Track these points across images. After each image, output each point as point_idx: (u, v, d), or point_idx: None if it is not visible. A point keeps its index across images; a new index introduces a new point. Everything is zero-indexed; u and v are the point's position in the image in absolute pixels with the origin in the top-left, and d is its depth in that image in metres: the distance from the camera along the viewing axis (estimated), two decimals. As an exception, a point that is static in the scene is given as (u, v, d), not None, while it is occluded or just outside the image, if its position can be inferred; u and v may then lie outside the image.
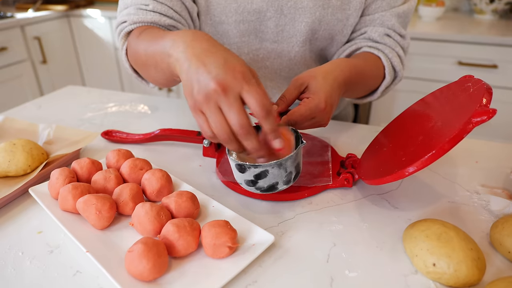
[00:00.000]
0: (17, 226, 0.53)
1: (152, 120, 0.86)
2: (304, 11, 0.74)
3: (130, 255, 0.42)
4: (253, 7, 0.74)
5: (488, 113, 0.43)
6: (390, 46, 0.76)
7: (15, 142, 0.63)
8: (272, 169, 0.48)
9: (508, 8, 1.91)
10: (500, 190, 0.59)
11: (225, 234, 0.44)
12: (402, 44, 0.78)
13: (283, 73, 0.85)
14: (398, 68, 0.76)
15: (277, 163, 0.48)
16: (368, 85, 0.74)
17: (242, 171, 0.50)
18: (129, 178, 0.59)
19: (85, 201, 0.50)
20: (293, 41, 0.78)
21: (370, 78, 0.72)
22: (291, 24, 0.76)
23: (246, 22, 0.76)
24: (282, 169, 0.49)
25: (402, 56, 0.78)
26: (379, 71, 0.74)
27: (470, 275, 0.41)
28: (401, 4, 0.76)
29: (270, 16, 0.75)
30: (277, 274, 0.45)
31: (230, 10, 0.75)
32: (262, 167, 0.48)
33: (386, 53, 0.75)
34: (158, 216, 0.48)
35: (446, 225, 0.46)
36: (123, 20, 0.68)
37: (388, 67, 0.74)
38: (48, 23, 2.27)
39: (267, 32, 0.78)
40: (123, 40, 0.69)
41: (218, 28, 0.79)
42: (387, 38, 0.76)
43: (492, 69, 1.64)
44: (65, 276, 0.45)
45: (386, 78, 0.75)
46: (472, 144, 0.73)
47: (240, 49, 0.82)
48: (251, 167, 0.48)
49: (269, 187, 0.51)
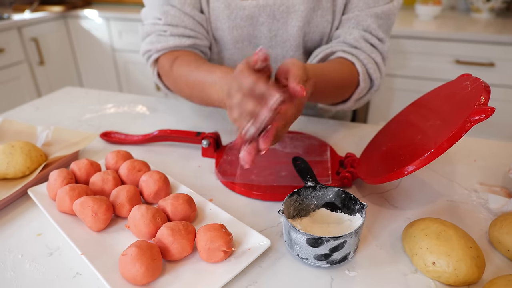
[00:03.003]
0: (16, 229, 0.53)
1: (151, 121, 0.86)
2: (296, 15, 0.73)
3: (123, 259, 0.42)
4: (246, 13, 0.74)
5: (486, 111, 0.43)
6: (366, 51, 0.72)
7: (13, 144, 0.63)
8: (350, 239, 0.44)
9: (505, 7, 1.91)
10: (498, 188, 0.60)
11: (220, 238, 0.44)
12: (380, 49, 0.73)
13: None
14: (374, 76, 0.72)
15: (355, 232, 0.44)
16: (338, 93, 0.69)
17: (316, 245, 0.44)
18: (127, 179, 0.58)
19: (82, 203, 0.50)
20: (287, 45, 0.78)
21: (340, 87, 0.68)
22: (283, 29, 0.76)
23: (239, 28, 0.76)
24: (357, 237, 0.45)
25: (379, 63, 0.73)
26: (351, 78, 0.70)
27: (469, 273, 0.42)
28: (381, 5, 0.71)
29: (263, 21, 0.75)
30: (277, 274, 0.45)
31: (223, 16, 0.75)
32: (342, 238, 0.43)
33: (361, 59, 0.71)
34: (154, 219, 0.48)
35: (445, 223, 0.46)
36: (148, 49, 0.76)
37: (362, 74, 0.70)
38: (45, 24, 2.26)
39: (260, 38, 0.78)
40: (153, 67, 0.79)
41: (215, 34, 0.80)
42: (363, 42, 0.72)
43: (489, 68, 1.65)
44: (65, 279, 0.45)
45: (360, 85, 0.71)
46: (470, 143, 0.73)
47: (234, 55, 0.82)
48: (330, 240, 0.43)
49: (341, 258, 0.45)
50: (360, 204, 0.48)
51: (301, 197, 0.52)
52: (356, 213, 0.49)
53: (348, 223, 0.49)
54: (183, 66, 0.69)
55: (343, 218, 0.50)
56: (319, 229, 0.49)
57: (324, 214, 0.52)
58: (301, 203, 0.52)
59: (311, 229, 0.49)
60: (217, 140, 0.70)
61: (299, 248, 0.45)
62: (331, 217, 0.51)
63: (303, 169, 0.57)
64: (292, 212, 0.51)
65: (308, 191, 0.52)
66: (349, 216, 0.50)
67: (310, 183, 0.53)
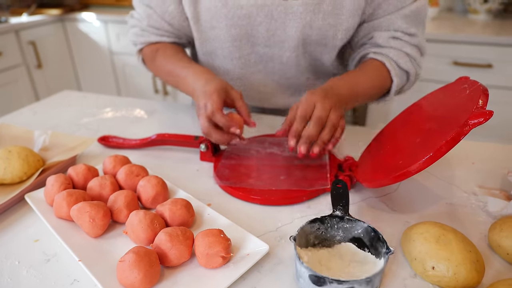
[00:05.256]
0: (13, 235, 0.52)
1: (149, 125, 0.86)
2: (295, 16, 0.73)
3: (121, 265, 0.42)
4: (243, 12, 0.74)
5: (485, 115, 0.43)
6: (396, 47, 0.75)
7: (10, 149, 0.63)
8: (359, 286, 0.39)
9: (502, 8, 1.92)
10: (497, 191, 0.60)
11: (219, 244, 0.44)
12: (412, 42, 0.76)
13: (276, 77, 0.85)
14: (407, 67, 0.76)
15: (366, 280, 0.39)
16: (372, 94, 0.74)
17: (318, 284, 0.40)
18: (125, 184, 0.58)
19: (79, 208, 0.49)
20: (284, 46, 0.78)
21: (372, 87, 0.73)
22: (282, 29, 0.76)
23: (237, 27, 0.76)
24: (369, 285, 0.40)
25: (412, 54, 0.76)
26: (382, 78, 0.74)
27: (469, 277, 0.41)
28: (408, 4, 0.74)
29: (261, 21, 0.75)
30: (276, 280, 0.45)
31: (220, 15, 0.75)
32: (348, 284, 0.39)
33: (390, 56, 0.75)
34: (152, 224, 0.48)
35: (444, 227, 0.46)
36: (133, 40, 0.87)
37: (394, 70, 0.74)
38: (43, 27, 2.26)
39: (258, 37, 0.78)
40: (138, 54, 0.89)
41: (210, 34, 0.80)
42: (393, 41, 0.75)
43: (487, 69, 1.65)
44: (62, 285, 0.44)
45: (394, 81, 0.75)
46: (469, 146, 0.73)
47: (232, 54, 0.82)
48: (334, 282, 0.39)
49: None
50: (386, 248, 0.42)
51: (325, 226, 0.48)
52: (382, 258, 0.43)
53: (372, 266, 0.44)
54: (163, 58, 0.81)
55: (368, 259, 0.45)
56: (338, 264, 0.45)
57: (350, 249, 0.47)
58: (325, 232, 0.48)
59: (328, 262, 0.45)
60: (215, 144, 0.69)
61: (303, 281, 0.42)
62: (357, 255, 0.46)
63: (340, 194, 0.52)
64: (312, 240, 0.47)
65: (334, 221, 0.48)
66: (375, 258, 0.45)
67: (339, 212, 0.49)
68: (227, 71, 0.86)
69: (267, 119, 0.87)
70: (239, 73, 0.85)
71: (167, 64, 0.79)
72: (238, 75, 0.86)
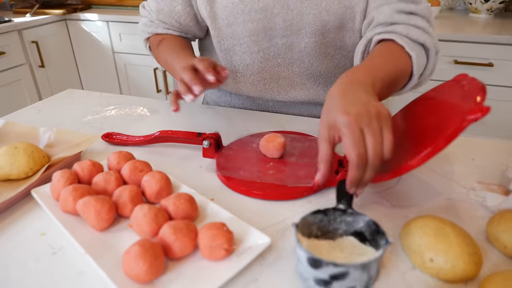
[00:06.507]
0: (20, 229, 0.54)
1: (152, 122, 0.87)
2: (310, 3, 0.74)
3: (127, 257, 0.43)
4: (260, 5, 0.75)
5: (482, 110, 0.44)
6: (404, 21, 0.67)
7: (16, 145, 0.64)
8: (354, 271, 0.40)
9: (503, 7, 1.92)
10: (496, 186, 0.60)
11: (222, 236, 0.45)
12: (417, 12, 0.68)
13: (295, 67, 0.85)
14: (422, 40, 0.66)
15: (362, 265, 0.40)
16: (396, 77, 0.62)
17: (315, 266, 0.41)
18: (129, 180, 0.59)
19: (85, 202, 0.51)
20: (302, 33, 0.78)
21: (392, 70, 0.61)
22: (299, 18, 0.76)
23: (254, 21, 0.77)
24: (365, 272, 0.41)
25: (422, 25, 0.67)
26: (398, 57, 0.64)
27: (467, 270, 0.42)
28: None
29: (277, 12, 0.76)
30: (278, 273, 0.46)
31: (237, 11, 0.77)
32: (344, 268, 0.40)
33: (398, 31, 0.65)
34: (156, 218, 0.49)
35: (443, 221, 0.47)
36: (142, 29, 0.92)
37: (407, 44, 0.64)
38: (46, 27, 2.27)
39: (275, 29, 0.79)
40: (145, 42, 0.94)
41: (227, 31, 0.81)
42: (397, 14, 0.67)
43: (488, 68, 1.66)
44: (69, 277, 0.45)
45: (413, 56, 0.64)
46: (468, 142, 0.74)
47: (250, 48, 0.83)
48: (330, 265, 0.40)
49: None
50: (386, 240, 0.43)
51: (328, 218, 0.48)
52: (381, 249, 0.44)
53: None
54: (165, 49, 0.85)
55: (369, 252, 0.46)
56: (338, 257, 0.45)
57: (351, 243, 0.47)
58: (328, 225, 0.48)
59: (329, 254, 0.45)
60: (217, 141, 0.70)
61: (302, 266, 0.43)
62: (358, 248, 0.46)
63: (345, 189, 0.52)
64: (315, 231, 0.48)
65: (336, 213, 0.48)
66: (376, 251, 0.45)
67: (342, 205, 0.49)
68: (246, 66, 0.87)
69: (271, 117, 0.88)
70: (259, 67, 0.86)
71: (166, 54, 0.84)
72: (258, 69, 0.86)
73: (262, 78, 0.88)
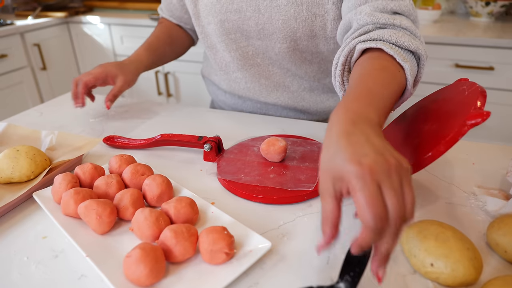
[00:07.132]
0: (21, 232, 0.54)
1: (153, 126, 0.87)
2: (279, 9, 0.75)
3: (128, 260, 0.43)
4: (234, 7, 0.78)
5: (482, 115, 0.44)
6: (387, 22, 0.59)
7: (18, 148, 0.64)
8: None
9: (504, 11, 1.93)
10: (496, 190, 0.60)
11: (222, 240, 0.45)
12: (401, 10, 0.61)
13: (275, 68, 0.87)
14: (414, 47, 0.58)
15: None
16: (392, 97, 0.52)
17: None
18: (131, 183, 0.59)
19: (86, 206, 0.51)
20: (274, 38, 0.80)
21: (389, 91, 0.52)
22: (269, 23, 0.78)
23: (230, 21, 0.80)
24: None
25: (407, 26, 0.60)
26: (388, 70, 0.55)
27: (467, 274, 0.42)
28: None
29: (250, 15, 0.78)
30: (278, 276, 0.46)
31: (215, 10, 0.80)
32: None
33: (386, 38, 0.57)
34: (157, 221, 0.49)
35: (443, 225, 0.47)
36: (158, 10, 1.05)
37: (398, 53, 0.56)
38: (48, 30, 2.28)
39: (250, 31, 0.81)
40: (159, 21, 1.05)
41: (207, 29, 0.85)
42: (379, 14, 0.60)
43: (488, 71, 1.66)
44: (70, 280, 0.45)
45: (405, 68, 0.56)
46: (469, 146, 0.74)
47: (229, 46, 0.85)
48: None
49: None
50: None
51: None
52: None
53: None
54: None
55: None
56: None
57: None
58: None
59: None
60: (218, 144, 0.71)
61: None
62: None
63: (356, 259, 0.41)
64: None
65: None
66: None
67: (342, 284, 0.40)
68: (227, 63, 0.90)
69: (272, 121, 0.88)
70: (238, 64, 0.88)
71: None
72: (238, 66, 0.89)
73: (244, 76, 0.90)
